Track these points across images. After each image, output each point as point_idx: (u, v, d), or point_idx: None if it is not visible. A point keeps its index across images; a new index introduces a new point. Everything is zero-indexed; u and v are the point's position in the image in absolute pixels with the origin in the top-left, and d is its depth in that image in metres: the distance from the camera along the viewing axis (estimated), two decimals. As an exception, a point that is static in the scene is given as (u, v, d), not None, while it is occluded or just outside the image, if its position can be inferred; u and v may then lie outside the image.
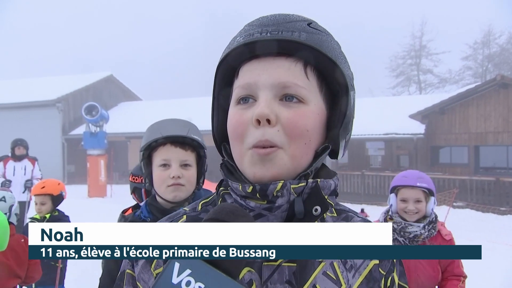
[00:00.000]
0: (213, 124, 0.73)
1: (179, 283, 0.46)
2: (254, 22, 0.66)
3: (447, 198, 11.59)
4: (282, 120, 0.61)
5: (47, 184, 3.25)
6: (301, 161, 0.64)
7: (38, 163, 6.73)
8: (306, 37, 0.62)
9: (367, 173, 15.00)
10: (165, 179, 1.45)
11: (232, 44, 0.65)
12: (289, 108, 0.62)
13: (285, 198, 0.62)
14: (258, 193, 0.62)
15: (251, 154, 0.62)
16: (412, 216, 2.20)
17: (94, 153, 14.60)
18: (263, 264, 0.62)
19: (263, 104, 0.61)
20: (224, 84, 0.69)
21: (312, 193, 0.64)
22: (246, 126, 0.63)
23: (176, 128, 1.47)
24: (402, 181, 2.25)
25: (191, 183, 1.51)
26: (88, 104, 14.70)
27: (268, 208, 0.62)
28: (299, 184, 0.63)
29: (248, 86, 0.63)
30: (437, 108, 16.09)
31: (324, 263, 0.64)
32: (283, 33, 0.61)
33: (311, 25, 0.65)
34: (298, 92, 0.62)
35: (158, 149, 1.47)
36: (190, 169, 1.50)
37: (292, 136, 0.62)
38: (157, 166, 1.47)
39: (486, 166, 16.10)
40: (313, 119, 0.64)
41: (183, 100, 24.54)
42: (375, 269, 0.66)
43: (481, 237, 8.08)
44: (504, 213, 11.75)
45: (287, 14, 0.66)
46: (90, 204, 12.04)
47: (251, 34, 0.63)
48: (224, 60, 0.66)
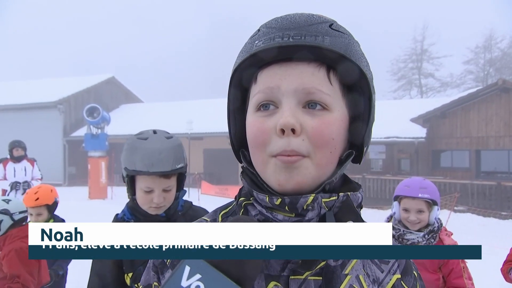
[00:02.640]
0: (231, 131, 0.70)
1: (188, 286, 0.46)
2: (273, 24, 0.62)
3: (448, 202, 11.56)
4: (307, 129, 0.59)
5: (41, 195, 3.08)
6: (326, 169, 0.62)
7: (37, 163, 6.74)
8: (330, 42, 0.59)
9: (368, 177, 14.97)
10: (148, 202, 1.53)
11: (251, 49, 0.62)
12: (313, 116, 0.60)
13: (316, 211, 0.61)
14: (287, 206, 0.60)
15: (275, 162, 0.60)
16: (414, 225, 2.19)
17: (95, 155, 14.60)
18: (290, 278, 0.61)
19: (288, 113, 0.59)
20: (241, 90, 0.67)
21: (343, 207, 0.63)
22: (268, 134, 0.60)
23: (162, 162, 1.47)
24: (404, 191, 2.23)
25: (171, 200, 1.59)
26: (90, 106, 14.71)
27: (297, 221, 0.60)
28: (331, 198, 0.61)
29: (269, 91, 0.61)
30: (439, 112, 16.09)
31: (350, 276, 0.64)
32: (306, 38, 0.58)
33: (333, 27, 0.61)
34: (323, 99, 0.60)
35: (142, 176, 1.51)
36: (172, 190, 1.57)
37: (318, 145, 0.60)
38: (141, 189, 1.53)
39: (488, 170, 16.06)
40: (338, 126, 0.62)
41: (183, 102, 24.57)
42: (397, 283, 0.66)
43: (483, 241, 8.05)
44: (506, 217, 11.70)
45: (308, 15, 0.62)
46: (91, 206, 12.02)
47: (271, 38, 0.60)
48: (242, 64, 0.63)
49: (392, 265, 0.68)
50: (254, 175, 0.65)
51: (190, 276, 0.47)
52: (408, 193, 2.21)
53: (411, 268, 0.70)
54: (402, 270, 0.68)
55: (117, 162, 20.10)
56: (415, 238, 2.17)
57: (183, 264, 0.48)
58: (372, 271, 0.66)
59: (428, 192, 2.20)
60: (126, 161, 1.52)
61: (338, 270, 0.64)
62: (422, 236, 2.17)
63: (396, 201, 2.27)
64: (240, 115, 0.68)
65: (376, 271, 0.66)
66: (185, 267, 0.47)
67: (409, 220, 2.20)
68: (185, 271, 0.47)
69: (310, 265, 0.61)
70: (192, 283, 0.46)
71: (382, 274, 0.66)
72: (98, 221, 1.58)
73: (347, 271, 0.64)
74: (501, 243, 7.41)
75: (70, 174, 21.01)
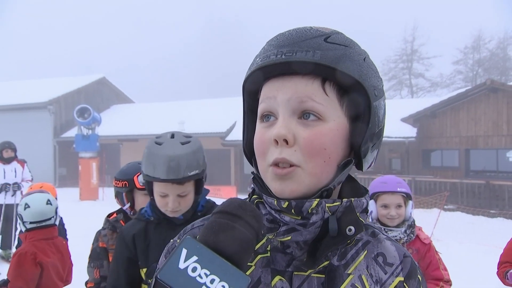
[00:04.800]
0: (244, 139, 0.75)
1: (185, 268, 0.48)
2: (273, 41, 0.67)
3: (438, 201, 11.70)
4: (299, 140, 0.63)
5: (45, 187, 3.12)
6: (321, 177, 0.65)
7: (28, 165, 6.68)
8: (320, 56, 0.62)
9: (360, 176, 15.08)
10: (164, 205, 1.53)
11: (252, 65, 0.68)
12: (306, 127, 0.63)
13: (319, 215, 0.64)
14: (293, 209, 0.63)
15: (271, 171, 0.65)
16: (394, 221, 2.24)
17: (86, 156, 14.47)
18: (293, 273, 0.66)
19: (281, 124, 0.63)
20: (251, 101, 0.73)
21: (346, 212, 0.66)
22: (267, 145, 0.65)
23: (174, 170, 1.47)
24: (382, 187, 2.27)
25: (188, 205, 1.57)
26: (80, 107, 14.59)
27: (303, 224, 0.64)
28: (334, 203, 0.65)
29: (268, 101, 0.66)
30: (429, 111, 16.25)
31: (352, 275, 0.67)
32: (297, 54, 0.62)
33: (329, 40, 0.64)
34: (315, 108, 0.63)
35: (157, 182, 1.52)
36: (188, 195, 1.55)
37: (310, 155, 0.63)
38: (156, 193, 1.54)
39: (476, 169, 16.28)
40: (332, 136, 0.64)
41: (175, 103, 24.45)
42: (400, 285, 0.69)
43: (471, 239, 8.16)
44: (494, 215, 11.87)
45: (305, 30, 0.66)
46: (82, 207, 11.93)
47: (267, 56, 0.65)
48: (248, 79, 0.69)
49: (396, 267, 0.70)
50: (262, 181, 0.69)
51: (187, 258, 0.49)
52: (386, 189, 2.26)
53: (415, 271, 0.72)
54: (406, 273, 0.70)
55: (108, 163, 19.96)
56: (397, 234, 2.22)
57: (180, 247, 0.50)
58: (376, 272, 0.69)
59: (404, 187, 2.26)
60: (143, 165, 1.54)
61: (341, 269, 0.67)
62: (403, 232, 2.23)
63: (372, 200, 2.31)
64: (252, 125, 0.73)
65: (380, 272, 0.69)
66: (182, 249, 0.49)
67: (389, 216, 2.23)
68: (182, 253, 0.49)
69: (313, 263, 0.65)
70: (189, 264, 0.48)
71: (385, 275, 0.69)
72: (89, 223, 1.58)
73: (350, 270, 0.67)
74: (490, 241, 7.52)
75: (60, 175, 20.78)
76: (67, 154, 20.60)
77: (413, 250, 2.26)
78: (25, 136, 19.29)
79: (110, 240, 2.05)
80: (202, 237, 0.52)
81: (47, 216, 2.52)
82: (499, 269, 2.72)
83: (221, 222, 0.53)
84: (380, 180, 2.34)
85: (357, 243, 0.70)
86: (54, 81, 24.84)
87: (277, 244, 0.67)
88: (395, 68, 38.40)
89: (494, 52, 35.47)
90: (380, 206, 2.27)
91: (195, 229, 0.75)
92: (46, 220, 2.52)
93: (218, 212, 0.55)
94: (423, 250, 2.27)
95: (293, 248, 0.66)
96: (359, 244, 0.70)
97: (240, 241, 0.51)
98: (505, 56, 35.39)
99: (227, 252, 0.50)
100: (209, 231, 0.52)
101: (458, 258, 5.81)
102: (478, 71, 35.89)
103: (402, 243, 2.22)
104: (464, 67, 36.72)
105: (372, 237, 0.73)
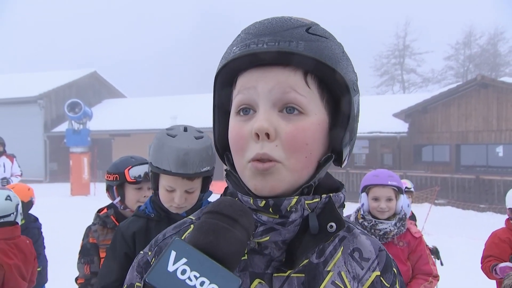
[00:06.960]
0: (215, 134, 0.71)
1: (174, 271, 0.47)
2: (251, 30, 0.63)
3: (429, 195, 11.82)
4: (281, 134, 0.60)
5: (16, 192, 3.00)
6: (302, 174, 0.63)
7: (17, 160, 6.60)
8: (304, 46, 0.59)
9: (352, 171, 15.16)
10: (169, 200, 1.49)
11: (229, 55, 0.63)
12: (288, 121, 0.61)
13: (299, 213, 0.62)
14: (271, 208, 0.61)
15: (250, 167, 0.61)
16: (384, 214, 2.27)
17: (77, 151, 14.36)
18: (273, 275, 0.63)
19: (262, 116, 0.60)
20: (224, 94, 0.68)
21: (326, 208, 0.64)
22: (246, 139, 0.62)
23: (186, 165, 1.42)
24: (373, 180, 2.31)
25: (193, 202, 1.54)
26: (71, 101, 14.45)
27: (281, 223, 0.61)
28: (313, 200, 0.63)
29: (246, 92, 0.62)
30: (420, 107, 16.38)
31: (332, 272, 0.65)
32: (280, 44, 0.59)
33: (310, 30, 0.62)
34: (298, 100, 0.60)
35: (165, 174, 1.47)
36: (195, 192, 1.52)
37: (291, 151, 0.60)
38: (163, 186, 1.49)
39: (467, 164, 16.48)
40: (314, 131, 0.62)
41: (167, 97, 24.32)
42: (377, 280, 0.68)
43: (461, 233, 8.27)
44: (484, 210, 12.05)
45: (285, 20, 0.63)
46: (73, 202, 11.84)
47: (247, 45, 0.61)
48: (222, 70, 0.65)
49: (372, 262, 0.69)
50: (237, 178, 0.66)
51: (176, 260, 0.48)
52: (377, 182, 2.29)
53: (391, 265, 0.71)
54: (382, 267, 0.70)
55: (99, 158, 19.81)
56: (387, 227, 2.25)
57: (169, 249, 0.48)
58: (352, 268, 0.67)
59: (395, 180, 2.29)
60: (152, 156, 1.48)
61: (320, 267, 0.65)
62: (394, 225, 2.26)
63: (364, 192, 2.34)
64: (224, 119, 0.69)
65: (357, 268, 0.68)
66: (171, 252, 0.48)
67: (379, 209, 2.27)
68: (171, 255, 0.48)
69: (293, 263, 0.63)
70: (179, 267, 0.47)
71: (362, 271, 0.68)
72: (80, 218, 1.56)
73: (329, 267, 0.66)
74: (479, 235, 7.63)
75: (51, 170, 20.60)
76: (58, 149, 20.41)
77: (404, 243, 2.29)
78: (15, 130, 19.06)
79: (101, 235, 2.03)
80: (192, 238, 0.50)
81: (6, 212, 2.43)
82: (483, 264, 2.76)
83: (211, 222, 0.51)
84: (372, 174, 2.37)
85: (334, 239, 0.69)
86: (45, 75, 24.53)
87: (254, 245, 0.64)
88: (387, 64, 38.56)
89: (485, 48, 35.76)
90: (371, 198, 2.30)
91: (167, 239, 0.71)
92: (5, 217, 2.43)
93: (207, 212, 0.53)
94: (414, 243, 2.31)
95: (271, 248, 0.64)
96: (336, 240, 0.69)
97: (231, 242, 0.50)
98: (496, 52, 35.70)
99: (218, 253, 0.49)
100: (198, 232, 0.50)
101: (448, 252, 5.89)
102: (469, 66, 36.19)
103: (392, 236, 2.25)
104: (455, 62, 37.01)
105: (347, 232, 0.71)
